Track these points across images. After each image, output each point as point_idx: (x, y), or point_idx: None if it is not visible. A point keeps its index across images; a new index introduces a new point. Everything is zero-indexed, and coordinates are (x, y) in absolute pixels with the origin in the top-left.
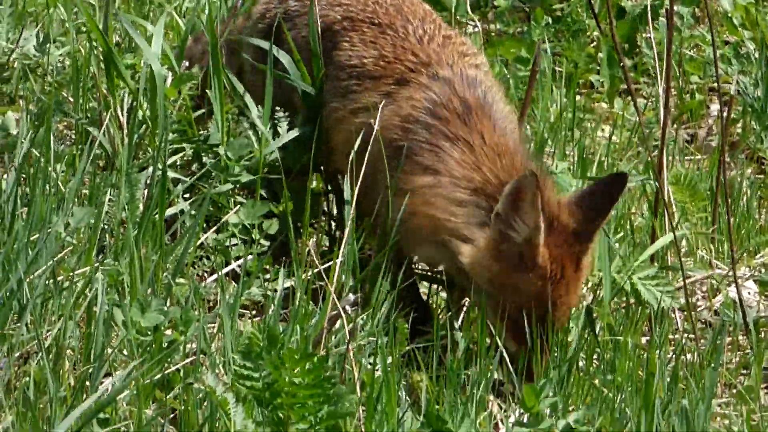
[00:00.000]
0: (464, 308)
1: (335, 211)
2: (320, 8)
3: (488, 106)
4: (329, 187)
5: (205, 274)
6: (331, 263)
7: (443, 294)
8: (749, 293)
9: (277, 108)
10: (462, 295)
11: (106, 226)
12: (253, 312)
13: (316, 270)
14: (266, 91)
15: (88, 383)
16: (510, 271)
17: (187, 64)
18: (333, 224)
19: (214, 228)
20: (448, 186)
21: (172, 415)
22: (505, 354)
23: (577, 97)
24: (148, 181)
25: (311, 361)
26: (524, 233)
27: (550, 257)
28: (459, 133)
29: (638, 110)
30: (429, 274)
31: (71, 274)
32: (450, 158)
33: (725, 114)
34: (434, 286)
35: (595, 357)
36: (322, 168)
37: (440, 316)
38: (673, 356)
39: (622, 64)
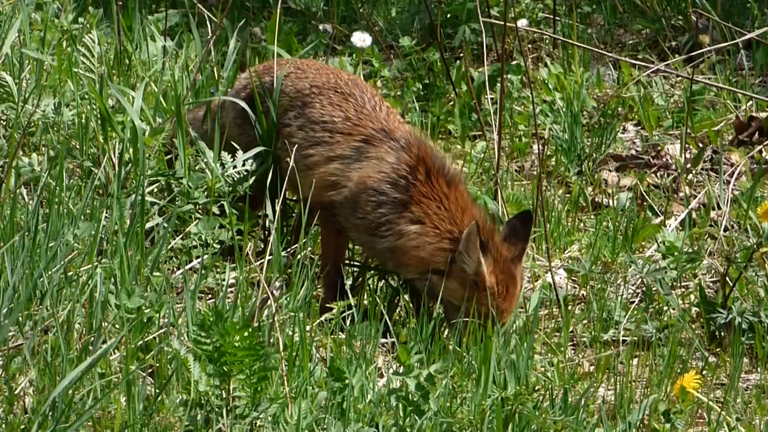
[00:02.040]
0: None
1: (267, 224)
2: (290, 80)
3: (439, 162)
4: (264, 208)
5: (174, 269)
6: (263, 260)
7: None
8: (560, 278)
9: (224, 152)
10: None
11: (103, 236)
12: (209, 296)
13: (253, 266)
14: (215, 140)
15: (90, 348)
16: (471, 292)
17: (160, 121)
18: (265, 233)
19: (180, 236)
20: (435, 238)
21: (150, 370)
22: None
23: (439, 141)
24: (133, 203)
25: (248, 330)
26: (472, 267)
27: (496, 281)
28: (431, 193)
29: (498, 151)
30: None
31: (78, 270)
32: (432, 212)
33: (543, 151)
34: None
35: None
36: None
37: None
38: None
39: (477, 117)
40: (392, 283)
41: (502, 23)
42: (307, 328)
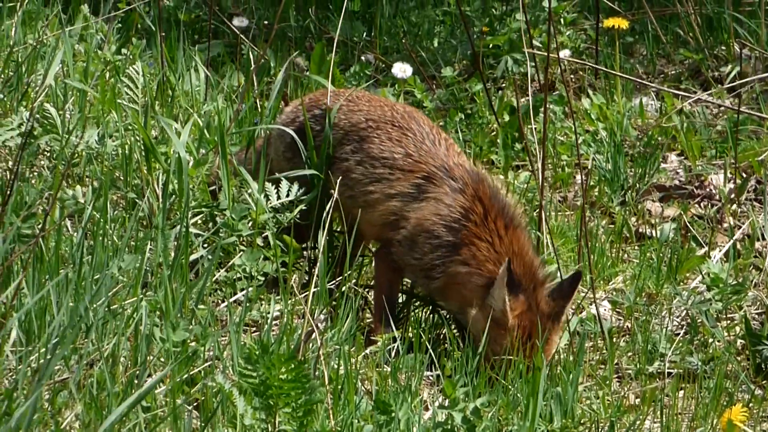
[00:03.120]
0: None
1: (312, 256)
2: (343, 113)
3: (499, 204)
4: (310, 240)
5: (219, 302)
6: (308, 293)
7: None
8: (605, 310)
9: (268, 183)
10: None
11: (147, 268)
12: (253, 329)
13: (297, 298)
14: (260, 172)
15: (135, 382)
16: (491, 328)
17: (203, 152)
18: (310, 265)
19: (225, 268)
20: (477, 277)
21: (195, 403)
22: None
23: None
24: (177, 235)
25: (293, 363)
26: (498, 304)
27: (519, 325)
28: (483, 234)
29: (542, 181)
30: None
31: (123, 303)
32: (480, 254)
33: (586, 182)
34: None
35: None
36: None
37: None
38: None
39: (522, 146)
40: (437, 315)
41: (545, 53)
42: (352, 360)
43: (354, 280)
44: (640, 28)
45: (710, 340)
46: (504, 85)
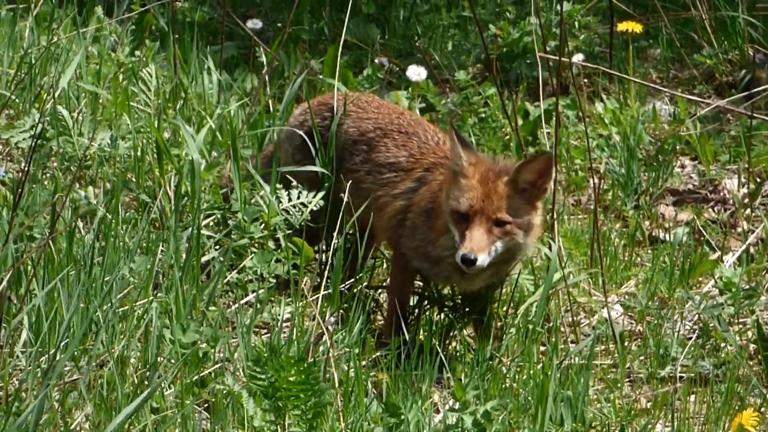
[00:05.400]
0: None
1: (324, 258)
2: (353, 120)
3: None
4: (323, 243)
5: (230, 303)
6: (319, 295)
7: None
8: (617, 313)
9: (279, 186)
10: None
11: (159, 270)
12: (264, 330)
13: (308, 300)
14: (272, 175)
15: (145, 383)
16: (454, 180)
17: (215, 154)
18: (322, 267)
19: (236, 270)
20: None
21: (205, 405)
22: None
23: None
24: (189, 237)
25: (303, 365)
26: (455, 160)
27: (475, 173)
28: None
29: (555, 185)
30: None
31: (134, 304)
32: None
33: (599, 186)
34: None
35: (508, 360)
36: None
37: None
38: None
39: (525, 153)
40: (448, 318)
41: (558, 57)
42: (363, 363)
43: (365, 283)
44: (654, 32)
45: (722, 344)
46: (518, 88)
